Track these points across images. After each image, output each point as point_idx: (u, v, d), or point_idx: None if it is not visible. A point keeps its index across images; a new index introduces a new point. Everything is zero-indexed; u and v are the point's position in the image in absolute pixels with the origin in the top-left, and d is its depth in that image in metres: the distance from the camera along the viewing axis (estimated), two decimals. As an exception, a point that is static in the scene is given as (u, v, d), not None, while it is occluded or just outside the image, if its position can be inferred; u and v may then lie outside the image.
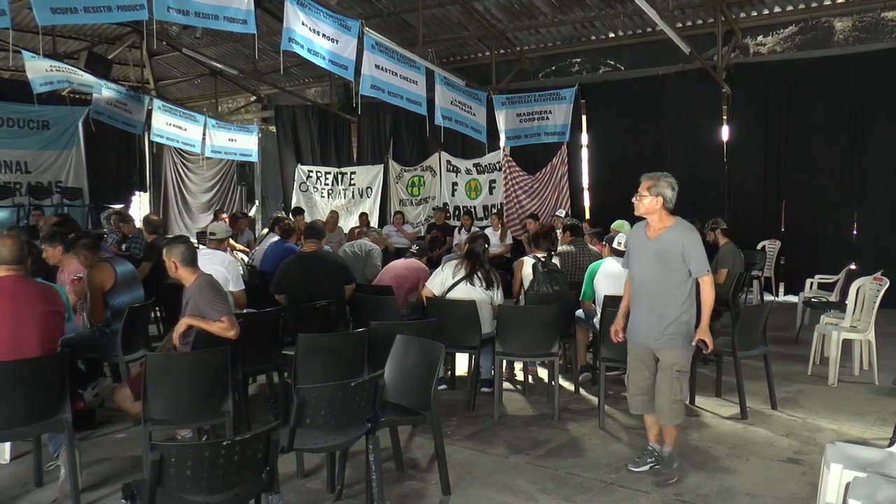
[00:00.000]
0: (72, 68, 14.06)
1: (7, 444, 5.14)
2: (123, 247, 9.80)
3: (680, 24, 12.01)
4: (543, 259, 7.33)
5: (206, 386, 4.65)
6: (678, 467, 4.82)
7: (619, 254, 6.96)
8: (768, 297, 11.53)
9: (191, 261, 5.11)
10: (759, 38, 12.12)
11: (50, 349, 4.37)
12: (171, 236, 10.38)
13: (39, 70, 12.46)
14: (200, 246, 6.60)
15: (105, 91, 14.44)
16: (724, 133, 12.40)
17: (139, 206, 20.22)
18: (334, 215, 13.70)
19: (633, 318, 4.89)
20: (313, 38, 8.96)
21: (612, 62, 13.53)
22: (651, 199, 4.74)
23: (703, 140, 12.45)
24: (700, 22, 12.28)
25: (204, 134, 15.49)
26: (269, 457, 3.31)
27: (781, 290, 12.03)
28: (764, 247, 11.67)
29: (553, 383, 6.26)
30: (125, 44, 16.92)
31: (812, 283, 10.01)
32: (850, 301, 7.32)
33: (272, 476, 3.37)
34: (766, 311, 6.49)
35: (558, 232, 9.42)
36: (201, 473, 3.11)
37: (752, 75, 12.02)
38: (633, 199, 4.96)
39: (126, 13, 8.21)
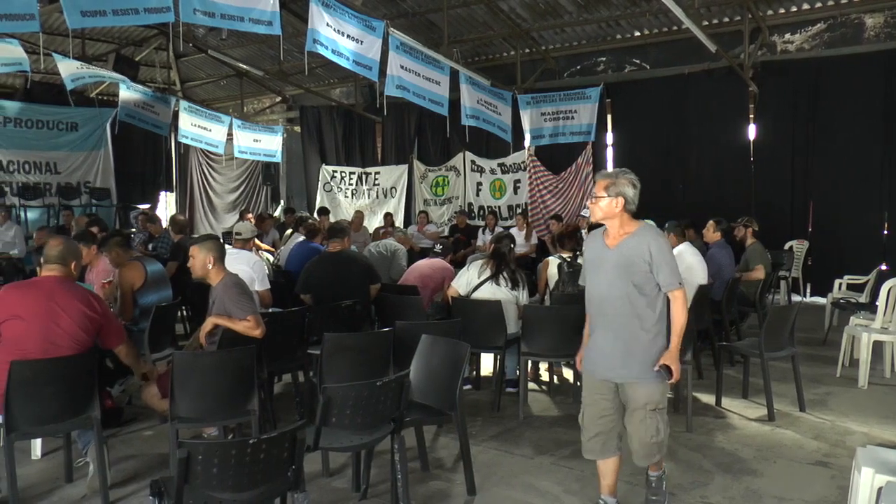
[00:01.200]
0: (100, 70, 14.22)
1: (38, 441, 5.21)
2: (150, 246, 9.90)
3: (706, 22, 11.91)
4: (569, 259, 7.30)
5: (232, 384, 4.67)
6: (667, 491, 4.29)
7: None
8: (796, 298, 11.42)
9: (220, 259, 5.14)
10: (787, 36, 11.98)
11: (82, 351, 4.40)
12: (196, 236, 10.48)
13: (70, 68, 12.66)
14: (226, 245, 6.64)
15: (132, 92, 14.57)
16: (751, 132, 12.28)
17: (165, 207, 20.41)
18: (359, 215, 13.74)
19: (592, 346, 4.10)
20: (338, 38, 8.98)
21: (638, 61, 13.45)
22: (609, 201, 3.93)
23: (729, 139, 12.34)
24: (726, 20, 12.15)
25: (229, 135, 15.60)
26: (295, 455, 3.32)
27: (809, 290, 11.89)
28: (791, 247, 11.55)
29: (578, 384, 6.22)
30: (152, 46, 17.07)
31: (841, 284, 9.89)
32: (881, 302, 7.22)
33: (298, 475, 3.38)
34: (794, 312, 6.41)
35: (583, 232, 9.38)
36: (228, 471, 3.12)
37: (779, 73, 11.89)
38: (588, 203, 4.53)
39: (153, 15, 8.28)
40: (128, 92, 14.45)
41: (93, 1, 7.70)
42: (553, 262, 7.40)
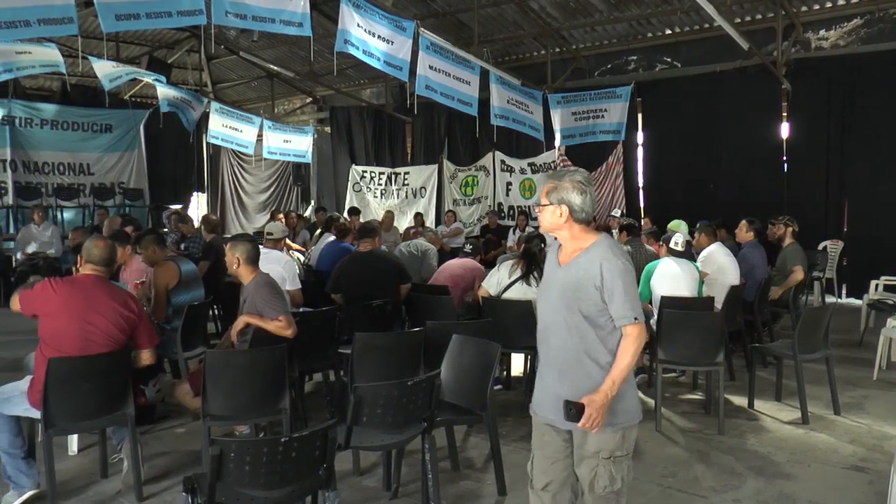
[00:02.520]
0: (136, 68, 14.43)
1: (75, 437, 5.28)
2: (182, 246, 9.99)
3: (738, 20, 11.78)
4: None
5: (263, 383, 4.70)
6: None
7: (675, 254, 6.89)
8: (830, 299, 11.25)
9: (252, 260, 5.17)
10: (822, 32, 11.81)
11: (116, 349, 4.46)
12: (227, 236, 10.57)
13: (106, 68, 12.86)
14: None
15: (170, 90, 14.73)
16: (784, 131, 12.13)
17: (197, 207, 20.61)
18: (389, 215, 13.78)
19: (539, 383, 3.40)
20: (368, 39, 9.02)
21: (669, 59, 13.34)
22: (552, 210, 3.18)
23: (761, 138, 12.19)
24: (759, 17, 12.01)
25: (260, 135, 15.72)
26: (326, 454, 3.33)
27: (844, 291, 11.71)
28: (825, 247, 11.38)
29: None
30: (184, 48, 17.24)
31: (877, 285, 9.73)
32: (919, 304, 7.11)
33: (329, 473, 3.39)
34: (829, 314, 6.32)
35: (614, 232, 9.34)
36: (259, 469, 3.14)
37: (813, 71, 11.73)
38: (536, 210, 3.94)
39: (186, 18, 8.35)
40: (164, 88, 14.61)
41: (127, 5, 7.79)
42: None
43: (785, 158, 12.14)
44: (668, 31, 13.06)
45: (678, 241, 6.92)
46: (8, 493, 4.43)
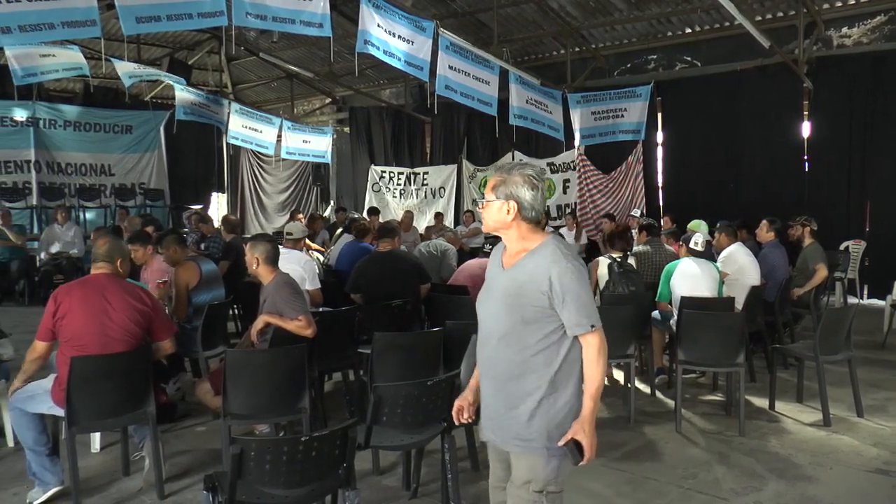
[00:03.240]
0: (156, 71, 14.57)
1: (97, 435, 5.34)
2: (202, 246, 10.04)
3: (759, 17, 11.69)
4: (619, 259, 7.24)
5: (283, 382, 4.72)
6: None
7: (695, 254, 6.85)
8: (852, 300, 11.14)
9: (272, 260, 5.20)
10: (844, 30, 11.69)
11: (135, 345, 4.50)
12: (247, 236, 10.63)
13: (127, 68, 13.04)
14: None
15: (188, 94, 14.85)
16: (805, 129, 12.02)
17: (217, 207, 20.73)
18: (409, 215, 13.80)
19: (482, 397, 3.06)
20: (389, 39, 9.04)
21: (689, 58, 13.27)
22: (498, 206, 2.87)
23: (782, 137, 12.10)
24: (780, 14, 11.91)
25: (279, 136, 15.78)
26: (346, 453, 3.34)
27: (866, 292, 11.59)
28: (847, 247, 11.27)
29: (629, 385, 6.17)
30: (204, 49, 17.35)
31: (901, 286, 9.62)
32: (943, 305, 7.02)
33: (349, 472, 3.41)
34: (851, 314, 6.26)
35: (634, 232, 9.30)
36: (280, 468, 3.16)
37: (835, 69, 11.62)
38: (478, 208, 3.80)
39: (207, 19, 8.40)
40: (183, 93, 14.73)
41: (147, 7, 7.85)
42: (603, 262, 7.34)
43: (806, 157, 12.04)
44: (689, 30, 12.99)
45: (698, 240, 6.88)
46: (33, 490, 4.49)
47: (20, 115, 15.94)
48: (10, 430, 5.22)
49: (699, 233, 7.26)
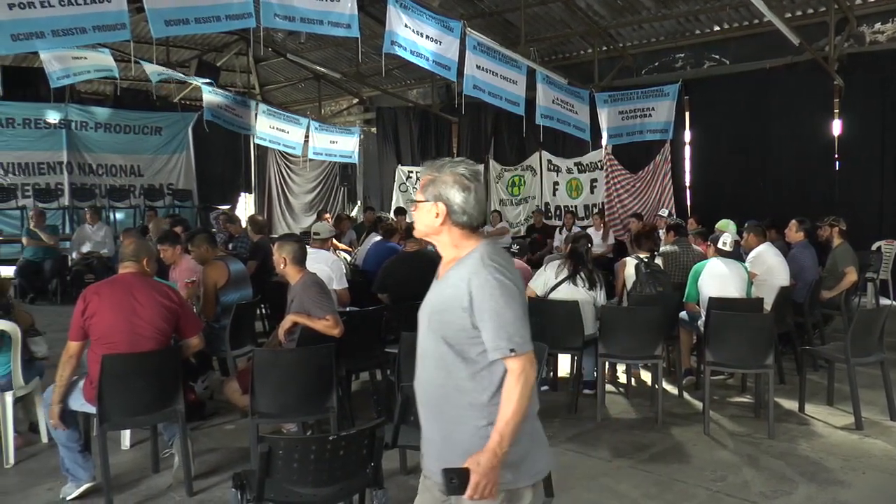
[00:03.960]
0: (183, 76, 14.73)
1: (127, 432, 5.41)
2: (230, 246, 10.12)
3: (789, 14, 11.56)
4: (646, 260, 7.20)
5: (311, 382, 4.75)
6: None
7: (724, 254, 6.81)
8: (884, 301, 10.97)
9: (299, 260, 5.23)
10: (877, 26, 11.52)
11: (164, 343, 4.55)
12: (274, 236, 10.69)
13: (156, 70, 13.23)
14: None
15: (215, 96, 14.99)
16: (836, 128, 11.85)
17: (244, 207, 20.88)
18: None
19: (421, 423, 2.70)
20: (416, 39, 9.07)
21: (717, 56, 13.15)
22: (427, 208, 2.56)
23: (812, 135, 11.93)
24: (811, 11, 11.75)
25: (306, 136, 15.86)
26: (373, 453, 3.35)
27: (899, 293, 11.42)
28: (879, 247, 11.11)
29: (656, 386, 6.13)
30: (232, 51, 17.48)
31: (936, 287, 9.49)
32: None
33: (377, 472, 3.41)
34: (883, 316, 6.17)
35: (661, 232, 9.25)
36: (307, 467, 3.18)
37: (867, 66, 11.44)
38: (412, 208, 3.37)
39: (234, 22, 8.46)
40: (210, 95, 14.87)
41: (176, 10, 7.92)
42: (630, 263, 7.30)
43: (836, 156, 11.88)
44: (717, 28, 12.88)
45: (726, 240, 6.84)
46: (66, 485, 4.58)
47: (53, 117, 16.17)
48: (45, 426, 5.31)
49: (727, 233, 7.21)
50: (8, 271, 12.52)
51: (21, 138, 15.84)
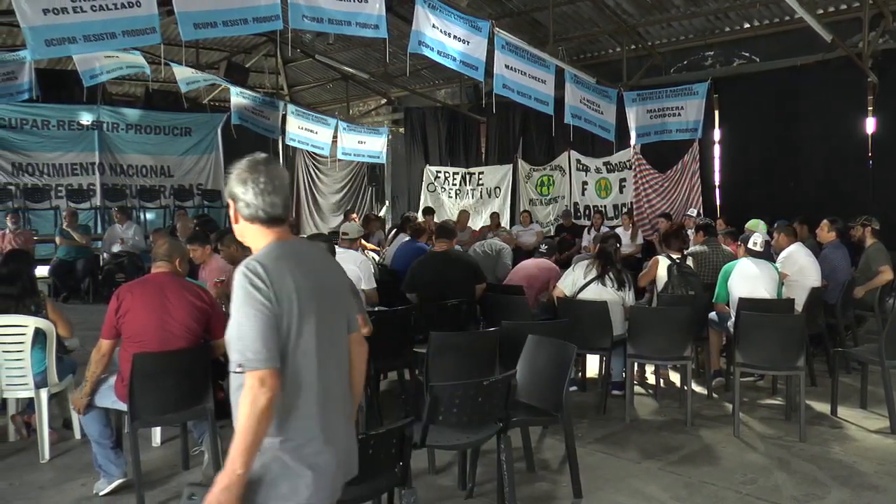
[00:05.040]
0: (212, 76, 14.86)
1: (158, 429, 5.48)
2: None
3: (821, 11, 11.37)
4: (678, 261, 7.15)
5: (340, 381, 4.77)
6: None
7: (754, 254, 6.74)
8: (920, 302, 10.81)
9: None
10: (915, 21, 11.30)
11: (194, 342, 4.60)
12: (303, 235, 10.75)
13: (185, 73, 13.36)
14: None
15: (243, 98, 15.12)
16: (869, 126, 11.67)
17: (273, 208, 20.97)
18: (465, 214, 13.85)
19: None
20: (444, 39, 9.07)
21: (747, 54, 13.00)
22: (232, 208, 2.52)
23: (845, 134, 11.74)
24: (844, 7, 11.55)
25: (335, 137, 15.93)
26: (402, 452, 3.35)
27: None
28: (916, 247, 10.93)
29: (685, 388, 6.10)
30: (261, 53, 17.58)
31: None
32: None
33: (405, 471, 3.42)
34: (920, 317, 6.08)
35: (690, 232, 9.18)
36: (337, 466, 3.18)
37: (903, 62, 11.24)
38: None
39: (262, 24, 8.52)
40: (238, 97, 15.00)
41: (204, 14, 7.98)
42: (663, 263, 7.24)
43: (870, 155, 11.70)
44: (747, 25, 12.73)
45: (757, 240, 6.77)
46: (99, 481, 4.67)
47: (86, 118, 16.40)
48: (78, 423, 5.39)
49: (758, 233, 7.14)
50: (42, 270, 12.71)
51: (55, 140, 16.09)
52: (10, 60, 12.48)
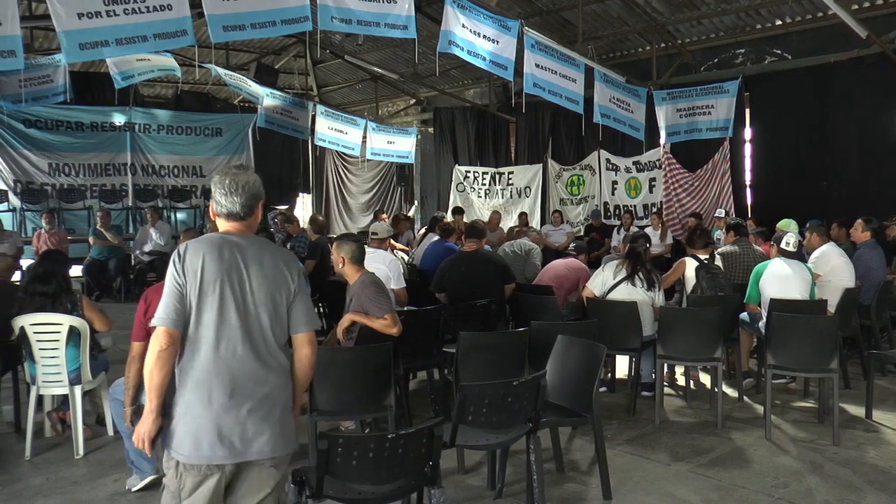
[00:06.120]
0: (243, 77, 15.00)
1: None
2: (288, 245, 10.26)
3: (856, 6, 11.20)
4: (706, 261, 7.09)
5: (369, 380, 4.80)
6: None
7: (786, 254, 6.67)
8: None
9: (358, 259, 5.28)
10: (953, 15, 11.08)
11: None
12: (332, 235, 10.81)
13: (219, 70, 13.60)
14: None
15: (272, 100, 15.24)
16: (906, 123, 11.47)
17: (302, 207, 21.13)
18: (497, 215, 13.85)
19: None
20: (474, 39, 9.07)
21: (779, 51, 12.84)
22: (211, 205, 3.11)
23: (880, 132, 11.53)
24: (879, 1, 11.30)
25: (364, 137, 16.00)
26: (432, 451, 3.36)
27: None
28: (952, 248, 10.73)
29: (716, 389, 6.04)
30: (290, 54, 17.68)
31: None
32: None
33: (435, 471, 3.43)
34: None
35: (720, 233, 9.10)
36: (366, 464, 3.20)
37: (942, 57, 11.03)
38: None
39: (290, 26, 8.55)
40: (268, 99, 15.12)
41: (233, 16, 8.04)
42: (691, 265, 7.18)
43: (907, 153, 11.50)
44: (779, 22, 12.57)
45: (790, 241, 6.69)
46: (132, 477, 4.75)
47: (118, 120, 16.63)
48: (111, 419, 5.46)
49: (790, 232, 7.06)
50: (75, 270, 12.90)
51: (89, 141, 16.35)
52: (46, 64, 12.71)
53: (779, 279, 6.55)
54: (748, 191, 13.27)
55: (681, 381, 7.18)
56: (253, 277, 2.89)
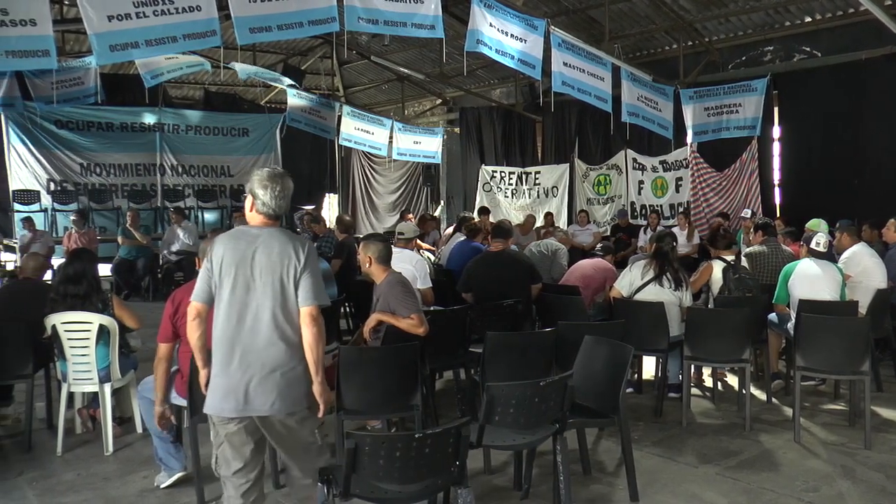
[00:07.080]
0: (272, 73, 15.13)
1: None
2: (315, 245, 10.31)
3: (889, 1, 11.01)
4: (732, 262, 7.03)
5: (396, 380, 4.81)
6: None
7: (816, 255, 6.60)
8: None
9: (385, 259, 5.28)
10: None
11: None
12: (359, 235, 10.85)
13: (247, 69, 13.73)
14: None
15: (299, 100, 15.32)
16: (941, 122, 11.27)
17: (329, 207, 21.22)
18: (531, 218, 13.84)
19: None
20: (502, 38, 9.07)
21: (808, 48, 12.68)
22: (248, 198, 3.65)
23: (913, 130, 11.39)
24: (914, -3, 11.19)
25: (390, 137, 16.04)
26: (459, 451, 3.36)
27: None
28: None
29: (744, 391, 6.00)
30: (317, 55, 17.78)
31: None
32: None
33: (462, 470, 3.43)
34: None
35: (743, 235, 9.01)
36: (393, 464, 3.21)
37: (978, 54, 10.84)
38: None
39: (317, 27, 8.59)
40: (295, 98, 15.21)
41: (260, 18, 8.09)
42: (717, 267, 7.12)
43: (940, 152, 11.30)
44: (808, 19, 12.41)
45: (820, 241, 6.62)
46: (160, 474, 4.81)
47: (148, 120, 16.81)
48: (140, 417, 5.52)
49: (820, 232, 6.98)
50: (104, 269, 13.05)
51: (119, 141, 16.53)
52: (77, 66, 12.90)
53: (808, 279, 6.48)
54: (776, 190, 13.13)
55: (708, 382, 7.12)
56: (262, 262, 3.42)
